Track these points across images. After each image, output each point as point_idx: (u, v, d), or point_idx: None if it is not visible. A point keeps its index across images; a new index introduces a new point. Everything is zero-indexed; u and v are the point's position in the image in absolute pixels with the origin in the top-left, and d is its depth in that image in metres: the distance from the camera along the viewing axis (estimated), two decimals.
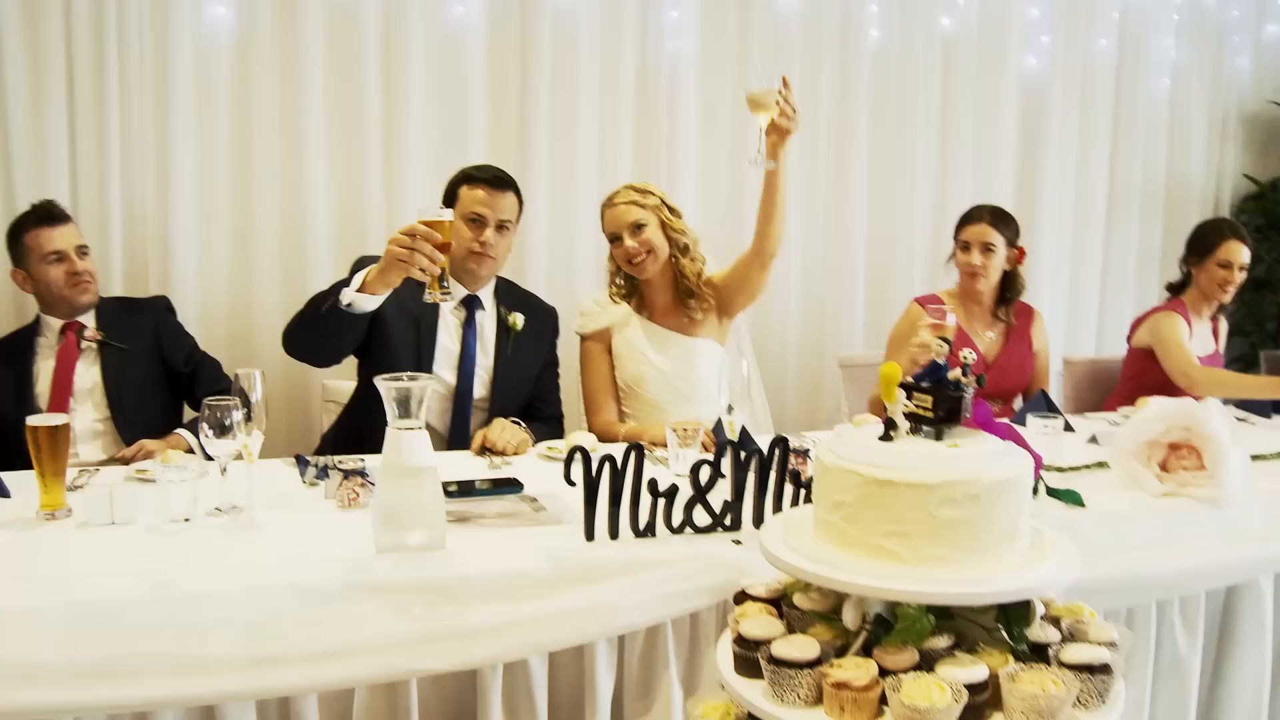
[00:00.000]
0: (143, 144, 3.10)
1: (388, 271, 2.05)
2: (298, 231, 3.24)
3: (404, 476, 1.61)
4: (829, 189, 3.86)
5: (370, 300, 2.15)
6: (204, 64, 3.13)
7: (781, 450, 1.77)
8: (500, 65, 3.42)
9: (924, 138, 3.94)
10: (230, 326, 3.21)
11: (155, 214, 3.13)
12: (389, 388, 1.60)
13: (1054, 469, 2.20)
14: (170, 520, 1.74)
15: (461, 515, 1.82)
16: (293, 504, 1.92)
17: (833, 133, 3.83)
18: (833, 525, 1.30)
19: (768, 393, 3.64)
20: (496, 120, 3.44)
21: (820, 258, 3.89)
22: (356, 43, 3.23)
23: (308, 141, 3.21)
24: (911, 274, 3.96)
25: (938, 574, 1.22)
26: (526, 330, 2.63)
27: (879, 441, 1.33)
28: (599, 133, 3.54)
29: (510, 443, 2.34)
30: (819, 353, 3.88)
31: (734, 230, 3.70)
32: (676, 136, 3.62)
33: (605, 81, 3.53)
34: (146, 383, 2.61)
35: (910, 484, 1.22)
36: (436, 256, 1.97)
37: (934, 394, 1.33)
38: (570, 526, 1.76)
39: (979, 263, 3.00)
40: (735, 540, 1.72)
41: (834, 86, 3.81)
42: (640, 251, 2.63)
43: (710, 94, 3.68)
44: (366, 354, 2.50)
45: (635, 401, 2.73)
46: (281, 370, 3.09)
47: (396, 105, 3.28)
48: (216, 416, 1.71)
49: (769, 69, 2.17)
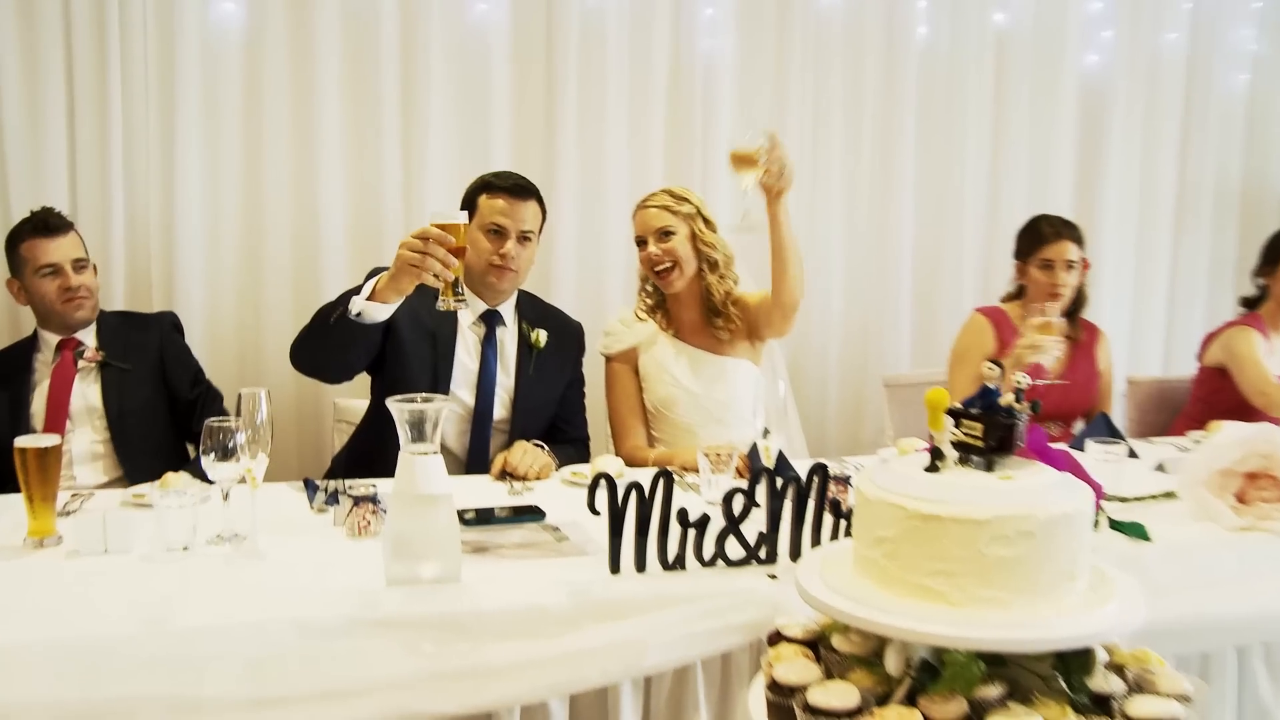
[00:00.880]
0: (146, 148, 3.13)
1: (399, 277, 2.04)
2: (310, 242, 3.26)
3: (417, 504, 1.60)
4: (873, 196, 3.83)
5: (381, 310, 2.15)
6: (211, 63, 3.16)
7: (820, 478, 1.75)
8: (525, 65, 3.43)
9: (975, 141, 3.90)
10: (239, 341, 3.24)
11: (160, 222, 3.16)
12: (401, 409, 1.59)
13: (1116, 499, 2.15)
14: (168, 549, 1.74)
15: (478, 545, 1.81)
16: (299, 532, 1.91)
17: (877, 136, 3.81)
18: (874, 562, 1.27)
19: (806, 414, 3.62)
20: (521, 124, 3.45)
21: (863, 270, 3.86)
22: (373, 42, 3.26)
23: (321, 146, 3.23)
24: (961, 286, 3.92)
25: (988, 617, 1.19)
26: (550, 347, 2.63)
27: (924, 472, 1.30)
28: (629, 137, 3.54)
29: (532, 467, 2.34)
30: (861, 372, 3.85)
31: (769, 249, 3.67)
32: (711, 141, 3.61)
33: (636, 82, 3.53)
34: (149, 406, 2.61)
35: (958, 519, 1.19)
36: (450, 261, 1.97)
37: (984, 421, 1.29)
38: (594, 558, 1.75)
39: (1064, 282, 2.99)
40: (771, 575, 1.70)
41: (878, 87, 3.79)
42: (663, 259, 2.62)
43: (747, 96, 3.67)
44: (380, 370, 2.50)
45: (664, 425, 2.71)
46: (292, 388, 3.11)
47: (415, 108, 3.30)
48: (219, 439, 1.71)
49: (759, 127, 2.17)
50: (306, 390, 3.15)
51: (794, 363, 3.74)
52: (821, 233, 3.79)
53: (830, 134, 3.76)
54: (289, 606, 1.52)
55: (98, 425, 2.56)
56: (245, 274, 3.25)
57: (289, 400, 3.19)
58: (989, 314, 3.13)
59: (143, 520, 1.81)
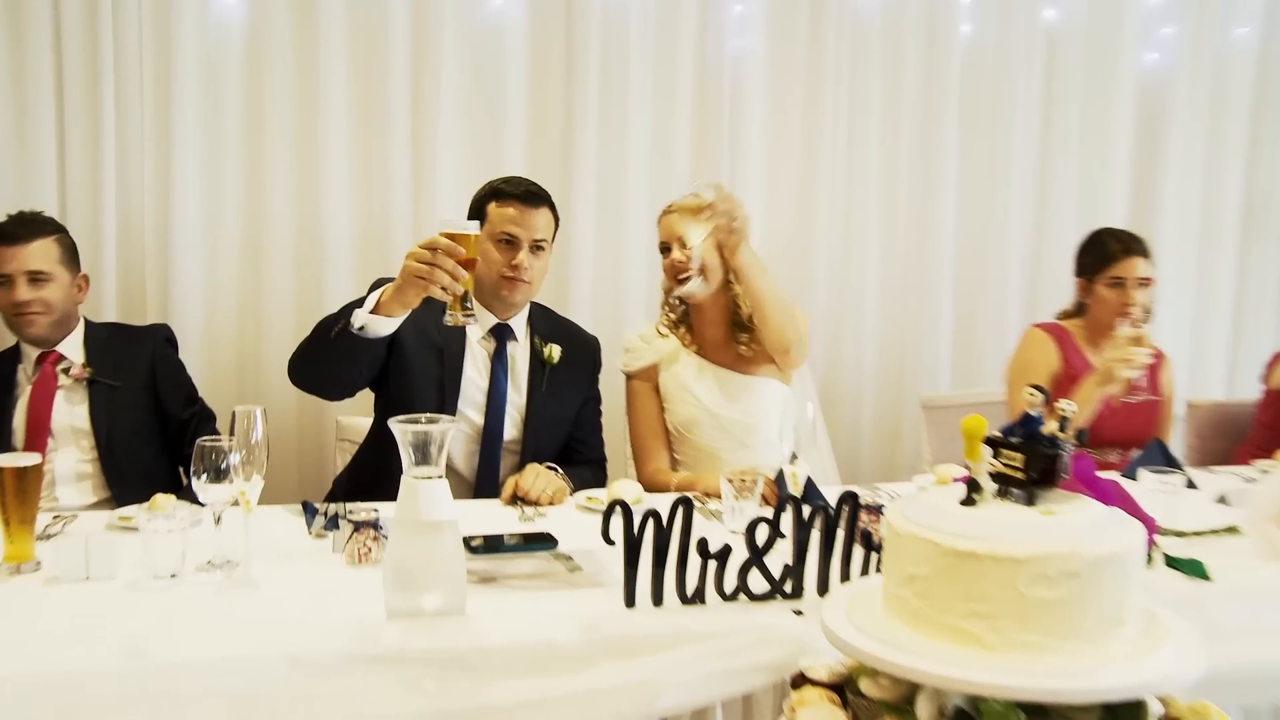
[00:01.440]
0: (141, 148, 3.16)
1: (405, 290, 2.05)
2: (314, 250, 3.29)
3: (420, 531, 1.59)
4: (911, 205, 3.82)
5: (386, 323, 2.15)
6: (211, 59, 3.19)
7: (850, 507, 1.73)
8: (543, 65, 3.45)
9: (1022, 148, 3.89)
10: (238, 354, 3.26)
11: (154, 228, 3.19)
12: (404, 431, 1.59)
13: (1173, 534, 2.12)
14: (154, 576, 1.73)
15: (486, 575, 1.80)
16: (296, 559, 1.91)
17: (916, 142, 3.80)
18: (904, 602, 1.25)
19: (838, 437, 3.61)
20: (538, 127, 3.47)
21: (901, 283, 3.85)
22: (382, 38, 3.28)
23: (326, 149, 3.26)
24: (1005, 302, 3.90)
25: (1028, 664, 1.17)
26: (564, 363, 2.63)
27: (959, 506, 1.28)
28: (652, 141, 3.55)
29: (545, 492, 2.33)
30: (898, 391, 3.84)
31: (802, 251, 3.69)
32: (740, 146, 3.63)
33: (660, 84, 3.54)
34: (140, 426, 2.63)
35: (995, 557, 1.17)
36: (459, 273, 1.97)
37: (1025, 451, 1.27)
38: (609, 590, 1.74)
39: (1136, 300, 2.99)
40: (796, 610, 1.68)
41: (918, 88, 3.79)
42: (686, 267, 2.61)
43: (778, 99, 3.68)
44: (384, 387, 2.51)
45: (686, 447, 2.71)
46: (294, 405, 3.13)
47: (426, 109, 3.32)
48: (211, 459, 1.71)
49: (703, 181, 2.17)
50: (308, 408, 3.17)
51: (825, 381, 3.73)
52: (856, 243, 3.78)
53: (866, 138, 3.76)
54: (281, 640, 1.51)
55: (84, 445, 2.57)
56: (245, 284, 3.27)
57: (289, 418, 3.20)
58: (1050, 330, 3.12)
59: (128, 545, 1.80)
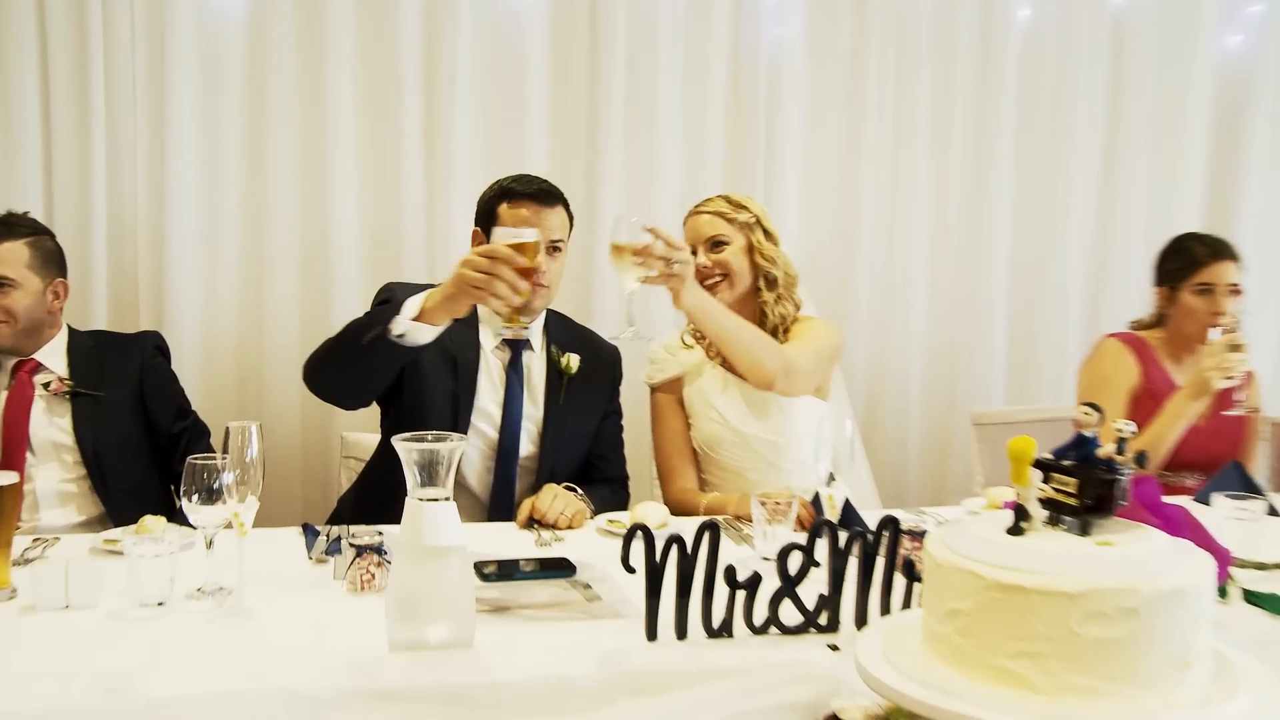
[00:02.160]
0: (133, 146, 3.19)
1: (458, 298, 2.08)
2: (320, 256, 3.31)
3: (425, 557, 1.58)
4: (963, 205, 3.82)
5: (427, 331, 2.16)
6: (209, 48, 3.22)
7: (891, 532, 1.72)
8: (565, 57, 3.47)
9: (1085, 143, 3.86)
10: (238, 366, 3.29)
11: (148, 230, 3.21)
12: (409, 450, 1.59)
13: (1252, 566, 2.08)
14: (140, 604, 1.73)
15: (498, 604, 1.80)
16: (294, 585, 1.91)
17: (968, 137, 3.80)
18: (945, 639, 1.23)
19: (882, 456, 3.61)
20: (560, 124, 3.48)
21: (951, 289, 3.84)
22: (392, 29, 3.30)
23: (333, 147, 3.28)
24: (1066, 310, 3.88)
25: (1082, 710, 1.14)
26: (583, 374, 2.63)
27: (1006, 535, 1.26)
28: (683, 139, 3.56)
29: (563, 514, 2.33)
30: (947, 407, 3.83)
31: (844, 256, 3.69)
32: (777, 143, 3.64)
33: (691, 76, 3.55)
34: (128, 441, 2.63)
35: (1045, 591, 1.15)
36: (519, 284, 2.02)
37: (1079, 475, 1.25)
38: (630, 622, 1.73)
39: (1227, 309, 2.97)
40: (831, 645, 1.67)
41: (972, 79, 3.78)
42: (714, 273, 2.62)
43: (819, 92, 3.69)
44: (394, 400, 2.52)
45: (713, 466, 2.71)
46: (298, 420, 3.15)
47: (440, 105, 3.34)
48: (202, 479, 1.72)
49: (631, 220, 2.15)
50: (313, 424, 3.19)
51: (869, 396, 3.73)
52: (902, 248, 3.78)
53: (915, 134, 3.75)
54: (275, 674, 1.50)
55: (68, 462, 2.57)
56: (245, 291, 3.30)
57: (293, 435, 3.23)
58: (1127, 341, 3.08)
59: (112, 571, 1.79)
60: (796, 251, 3.57)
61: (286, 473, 3.22)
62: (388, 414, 2.59)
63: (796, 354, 2.55)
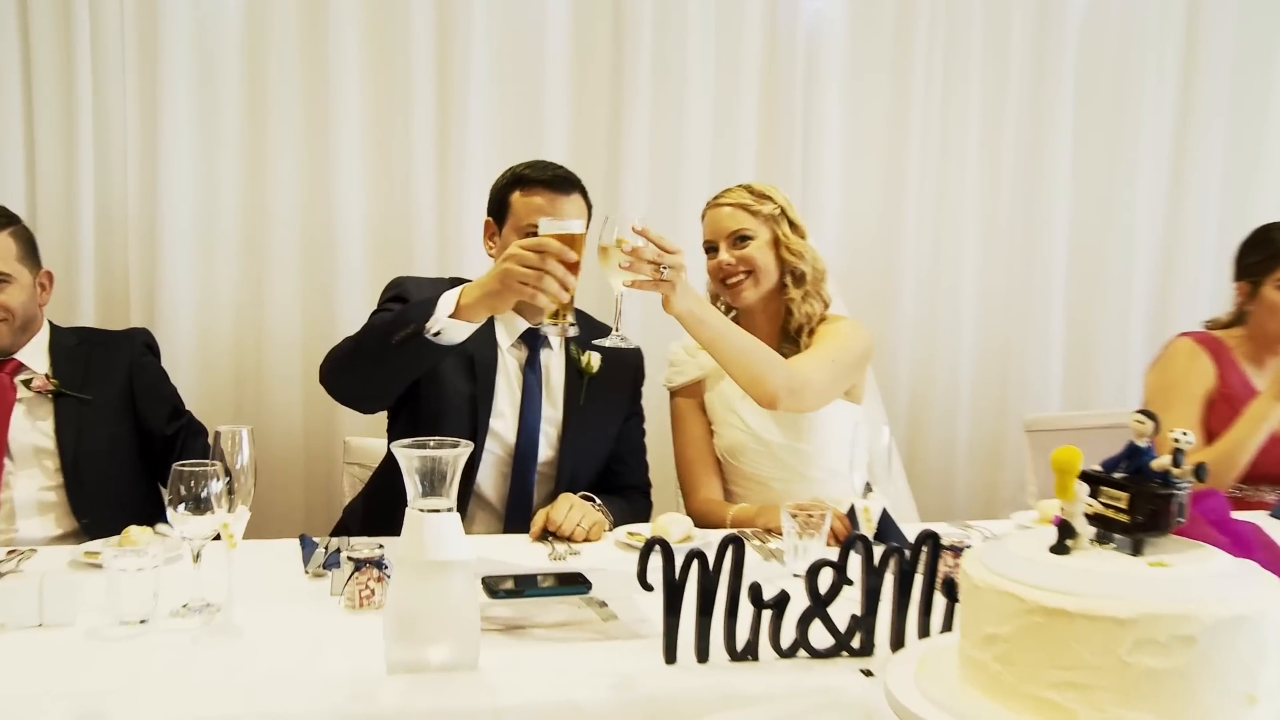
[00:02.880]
0: (123, 132, 3.20)
1: (502, 295, 2.07)
2: (324, 250, 3.32)
3: (426, 573, 1.58)
4: (1017, 195, 3.79)
5: (464, 329, 2.15)
6: (205, 28, 3.23)
7: (930, 548, 1.70)
8: (586, 33, 3.47)
9: (1153, 127, 3.82)
10: (235, 368, 3.30)
11: (139, 223, 3.23)
12: (410, 456, 1.58)
13: None
14: (120, 622, 1.73)
15: (508, 624, 1.80)
16: (288, 601, 1.91)
17: (1024, 119, 3.76)
18: (983, 666, 1.22)
19: (928, 464, 3.60)
20: (581, 106, 3.48)
21: (1003, 285, 3.81)
22: (402, 7, 3.31)
23: (338, 134, 3.29)
24: (1129, 309, 3.85)
25: None
26: (604, 373, 2.64)
27: (1049, 554, 1.24)
28: (714, 122, 3.55)
29: (580, 526, 2.33)
30: (998, 412, 3.81)
31: (888, 249, 3.69)
32: (815, 126, 3.62)
33: (724, 53, 3.54)
34: (114, 446, 2.64)
35: (1092, 616, 1.13)
36: (569, 280, 2.02)
37: (1131, 489, 1.23)
38: (648, 643, 1.71)
39: None
40: (865, 670, 1.65)
41: (1027, 54, 3.75)
42: (737, 270, 2.60)
43: (861, 70, 3.67)
44: (407, 403, 2.52)
45: (737, 476, 2.70)
46: (300, 425, 3.17)
47: (452, 87, 3.34)
48: (190, 487, 1.71)
49: (612, 219, 2.12)
50: (317, 428, 3.21)
51: (914, 399, 3.72)
52: (951, 240, 3.76)
53: (965, 116, 3.73)
54: (264, 697, 1.50)
55: (49, 468, 2.58)
56: (244, 288, 3.31)
57: (295, 440, 3.25)
58: (1203, 341, 3.03)
59: (91, 586, 1.80)
60: (836, 243, 3.58)
61: (288, 481, 3.23)
62: (398, 418, 2.59)
63: (808, 368, 2.50)
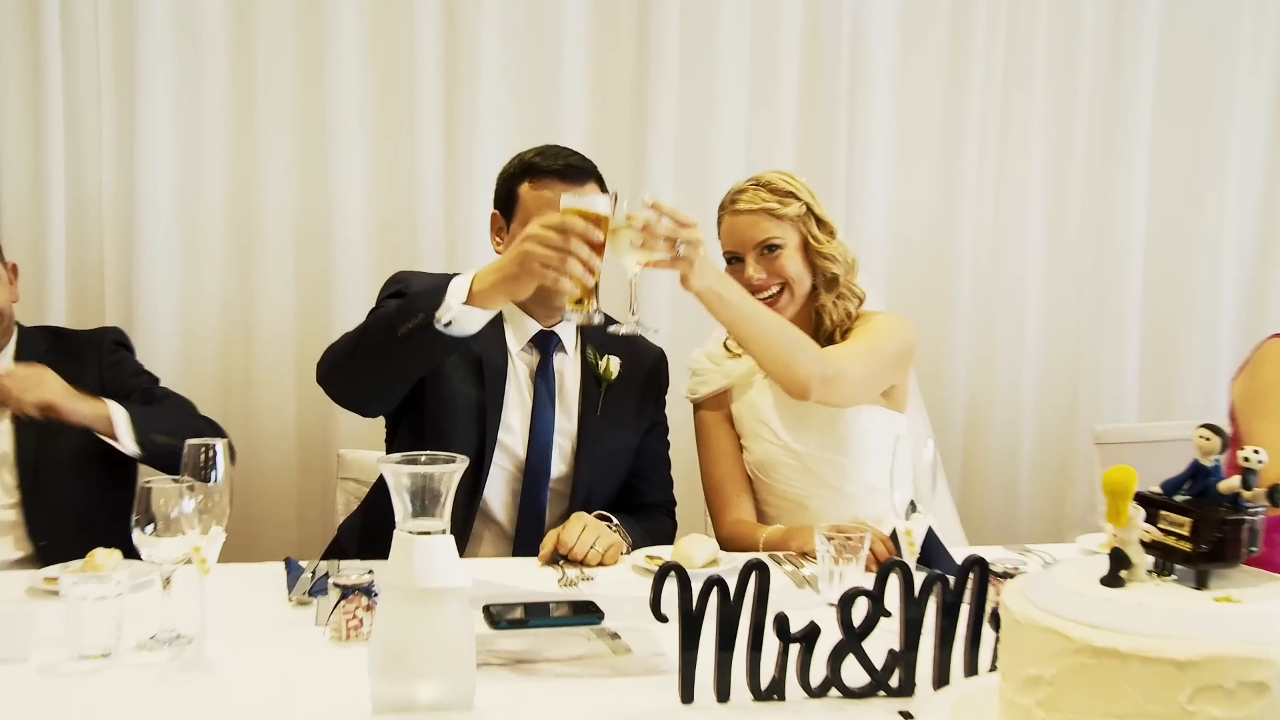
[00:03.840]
0: (97, 115, 3.22)
1: (520, 279, 2.07)
2: (320, 242, 3.34)
3: (416, 601, 1.58)
4: (1089, 184, 3.78)
5: (477, 318, 2.14)
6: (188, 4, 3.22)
7: (978, 575, 1.68)
8: (608, 14, 3.47)
9: (1245, 110, 3.80)
10: (221, 372, 3.31)
11: (115, 214, 3.24)
12: (399, 473, 1.58)
13: None
14: (80, 656, 1.72)
15: (510, 658, 1.79)
16: (268, 632, 1.90)
17: (1096, 100, 3.75)
18: (1025, 712, 1.20)
19: (988, 479, 3.56)
20: (602, 93, 3.49)
21: (1072, 282, 3.81)
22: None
23: (336, 114, 3.30)
24: (1217, 310, 3.82)
25: None
26: (623, 379, 2.63)
27: (1100, 586, 1.22)
28: (748, 103, 3.55)
29: (594, 548, 2.32)
30: (1067, 423, 3.79)
31: (942, 242, 3.70)
32: (862, 107, 3.62)
33: (760, 26, 3.54)
34: (80, 456, 2.62)
35: (1147, 658, 1.11)
36: (594, 263, 2.02)
37: (1194, 513, 1.21)
38: (664, 679, 1.70)
39: None
40: (904, 713, 1.62)
41: (1102, 29, 3.73)
42: (769, 285, 2.58)
43: (914, 43, 3.67)
44: (408, 412, 2.52)
45: (769, 495, 2.69)
46: (293, 435, 3.19)
47: (462, 66, 3.35)
48: (158, 505, 1.71)
49: (624, 197, 2.11)
50: (312, 439, 3.23)
51: (971, 407, 3.71)
52: (1013, 232, 3.74)
53: (1030, 98, 3.72)
54: None
55: (6, 483, 2.59)
56: (231, 285, 3.32)
57: (288, 453, 3.26)
58: None
59: (49, 616, 1.80)
60: (885, 235, 3.59)
61: (280, 497, 3.24)
62: (398, 428, 2.59)
63: (845, 357, 2.49)
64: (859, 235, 3.54)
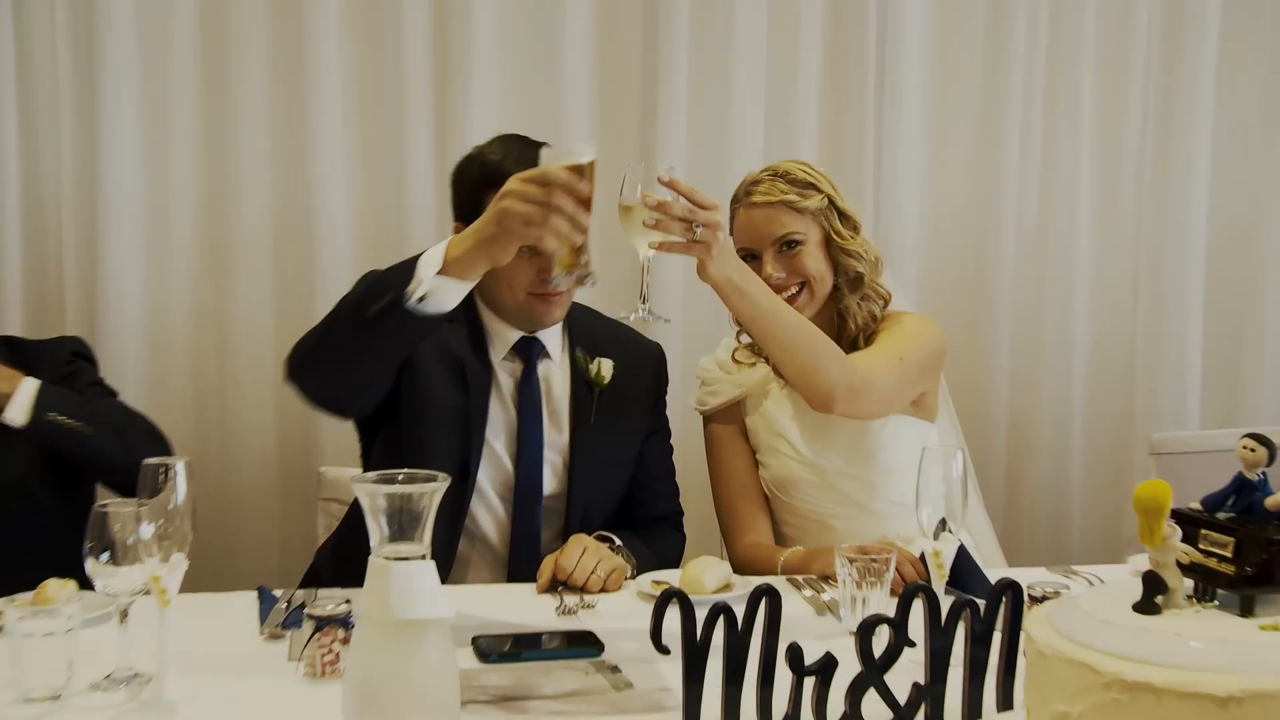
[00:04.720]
0: (55, 106, 3.23)
1: (500, 240, 2.01)
2: (301, 241, 3.34)
3: (393, 634, 1.57)
4: (1143, 178, 3.77)
5: (454, 291, 2.08)
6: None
7: (1012, 601, 1.67)
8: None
9: None
10: (194, 384, 3.31)
11: (75, 214, 3.25)
12: (373, 493, 1.56)
13: None
14: (26, 699, 1.71)
15: (500, 694, 1.78)
16: (236, 669, 1.89)
17: (1152, 82, 3.75)
18: None
19: (1032, 493, 3.57)
20: (608, 74, 3.49)
21: (1127, 280, 3.80)
22: None
23: (317, 101, 3.31)
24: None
25: None
26: (619, 382, 2.61)
27: (1133, 614, 1.22)
28: (767, 87, 3.54)
29: (595, 573, 2.31)
30: (1124, 431, 3.78)
31: (980, 235, 3.70)
32: (892, 88, 3.62)
33: (779, 11, 3.53)
34: (33, 477, 2.62)
35: (1184, 693, 1.10)
36: (581, 218, 1.98)
37: (1238, 533, 1.20)
38: (669, 716, 1.71)
39: None
40: None
41: (1159, 16, 3.72)
42: (789, 284, 2.56)
43: (949, 19, 3.66)
44: (384, 422, 2.51)
45: (789, 514, 2.68)
46: (274, 452, 3.20)
47: (453, 51, 3.36)
48: (113, 530, 1.71)
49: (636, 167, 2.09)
50: (294, 456, 3.24)
51: (1014, 414, 3.71)
52: (1060, 225, 3.74)
53: (1078, 88, 3.71)
54: None
55: None
56: (204, 290, 3.33)
57: (269, 472, 3.27)
58: None
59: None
60: (918, 226, 3.62)
61: (260, 520, 3.24)
62: (374, 441, 2.57)
63: (873, 366, 2.47)
64: (889, 231, 3.55)
